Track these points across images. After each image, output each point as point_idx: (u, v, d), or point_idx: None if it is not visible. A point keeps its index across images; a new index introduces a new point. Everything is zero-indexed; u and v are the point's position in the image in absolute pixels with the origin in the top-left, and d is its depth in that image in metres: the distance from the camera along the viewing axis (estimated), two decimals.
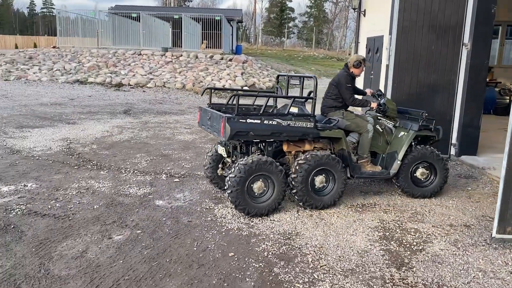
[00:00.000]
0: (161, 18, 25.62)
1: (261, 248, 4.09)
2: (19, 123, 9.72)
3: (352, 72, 5.60)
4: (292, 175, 4.91)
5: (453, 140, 7.52)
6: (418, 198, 5.58)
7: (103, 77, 17.72)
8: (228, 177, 4.69)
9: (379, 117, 5.77)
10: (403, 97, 7.24)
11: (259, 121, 4.66)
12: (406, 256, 4.01)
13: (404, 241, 4.35)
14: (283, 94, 6.03)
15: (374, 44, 12.02)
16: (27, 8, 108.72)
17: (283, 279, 3.54)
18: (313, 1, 73.51)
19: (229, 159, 5.30)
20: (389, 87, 7.28)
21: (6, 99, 13.20)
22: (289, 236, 4.37)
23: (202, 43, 24.91)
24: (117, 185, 5.80)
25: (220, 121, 4.61)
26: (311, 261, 3.85)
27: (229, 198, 4.70)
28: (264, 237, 4.34)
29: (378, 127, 5.65)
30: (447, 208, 5.37)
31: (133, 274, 3.52)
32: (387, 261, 3.89)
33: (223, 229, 4.48)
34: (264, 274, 3.61)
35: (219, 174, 5.53)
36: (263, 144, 5.14)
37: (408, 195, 5.60)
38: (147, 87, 16.91)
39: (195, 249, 4.02)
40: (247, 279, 3.52)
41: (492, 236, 4.22)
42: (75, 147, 7.80)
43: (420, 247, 4.20)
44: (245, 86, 17.42)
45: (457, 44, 7.11)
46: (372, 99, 5.89)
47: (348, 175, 5.29)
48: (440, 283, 3.54)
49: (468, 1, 6.99)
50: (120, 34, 24.84)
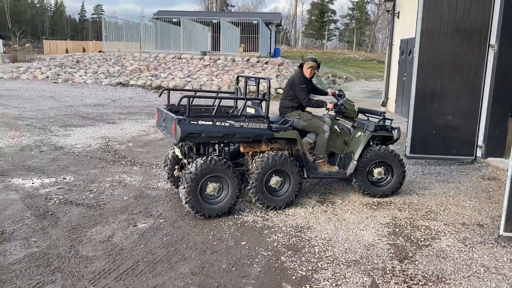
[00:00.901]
0: (201, 23, 26.37)
1: (272, 238, 4.35)
2: (64, 122, 10.45)
3: (303, 72, 5.56)
4: (248, 178, 4.96)
5: (479, 142, 7.45)
6: (375, 198, 5.63)
7: (144, 79, 18.52)
8: (180, 189, 4.68)
9: (337, 118, 5.83)
10: (426, 99, 7.27)
11: (211, 123, 4.63)
12: (411, 250, 4.15)
13: (412, 237, 4.47)
14: (241, 95, 5.91)
15: (407, 46, 11.97)
16: (78, 14, 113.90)
17: (288, 266, 3.79)
18: (355, 3, 72.77)
19: (185, 160, 5.26)
20: (413, 89, 7.32)
21: (54, 100, 14.12)
22: (300, 229, 4.60)
23: (240, 46, 25.42)
24: (147, 179, 6.23)
25: (172, 122, 4.59)
26: (318, 252, 4.07)
27: (187, 206, 4.69)
28: (276, 229, 4.59)
29: (336, 128, 5.70)
30: (463, 207, 5.41)
31: (152, 257, 3.88)
32: (391, 254, 4.05)
33: (239, 221, 4.78)
34: (271, 261, 3.87)
35: (175, 176, 5.49)
36: (221, 145, 5.15)
37: (365, 194, 5.63)
38: (185, 89, 17.53)
39: (210, 237, 4.34)
40: (255, 265, 3.79)
41: (500, 234, 4.27)
42: (112, 145, 8.35)
43: (427, 243, 4.32)
44: (280, 88, 17.69)
45: (483, 45, 7.06)
46: (332, 99, 5.97)
47: (304, 176, 5.30)
48: (440, 276, 3.66)
49: (494, 1, 6.94)
50: (162, 38, 25.77)
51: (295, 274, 3.66)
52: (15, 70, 20.72)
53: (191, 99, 4.85)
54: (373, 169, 5.63)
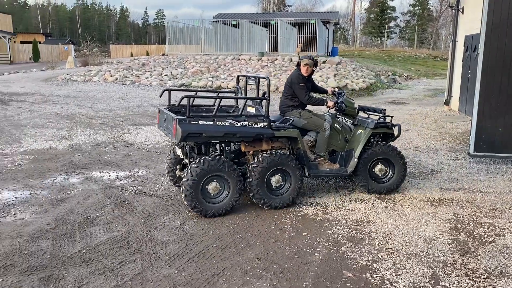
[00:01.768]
0: (259, 24, 26.80)
1: (332, 231, 4.52)
2: (133, 121, 11.17)
3: (301, 71, 5.53)
4: (248, 177, 4.93)
5: None
6: (374, 194, 5.63)
7: (205, 81, 19.20)
8: (182, 181, 4.71)
9: (337, 116, 5.77)
10: (492, 96, 7.06)
11: (211, 123, 4.64)
12: (474, 245, 4.15)
13: (475, 233, 4.46)
14: (242, 95, 5.86)
15: (472, 42, 11.57)
16: (141, 19, 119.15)
17: (348, 256, 3.95)
18: None
19: (187, 160, 5.25)
20: (477, 86, 7.15)
21: (123, 100, 15.06)
22: (360, 223, 4.73)
23: (297, 46, 25.56)
24: None
25: (173, 123, 4.61)
26: (378, 244, 4.19)
27: (185, 202, 4.71)
28: (336, 222, 4.75)
29: (337, 126, 5.64)
30: None
31: (220, 243, 4.19)
32: (452, 249, 4.08)
33: (300, 214, 4.98)
34: (332, 251, 4.05)
35: (177, 176, 5.53)
36: (222, 144, 5.12)
37: (371, 192, 5.63)
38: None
39: (273, 227, 4.58)
40: (316, 254, 3.99)
41: None
42: None
43: (490, 239, 4.29)
44: (337, 87, 17.66)
45: None
46: (332, 97, 5.94)
47: (306, 174, 5.29)
48: (504, 271, 3.66)
49: None
50: (221, 41, 26.51)
51: (356, 263, 3.81)
52: (87, 73, 22.22)
53: (191, 99, 4.91)
54: (375, 166, 5.61)
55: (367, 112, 6.04)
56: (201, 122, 4.61)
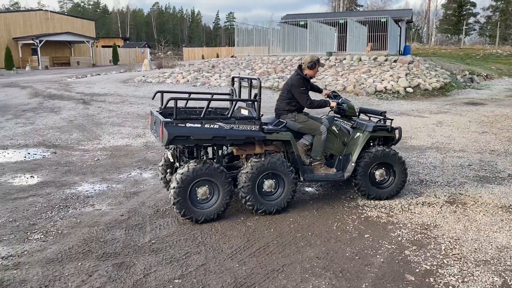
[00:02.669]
0: (327, 24, 26.53)
1: (396, 234, 4.42)
2: None
3: (306, 74, 5.34)
4: (240, 176, 4.78)
5: None
6: (373, 200, 5.34)
7: (271, 81, 19.38)
8: (169, 189, 4.62)
9: (335, 118, 5.49)
10: None
11: (199, 125, 4.48)
12: None
13: None
14: (237, 96, 5.58)
15: None
16: (213, 22, 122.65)
17: (412, 260, 3.85)
18: None
19: (177, 164, 5.11)
20: None
21: (194, 101, 15.66)
22: (426, 227, 4.57)
23: (367, 45, 24.95)
24: None
25: (160, 125, 4.49)
26: (444, 249, 4.03)
27: (175, 208, 4.59)
28: (401, 225, 4.64)
29: (334, 128, 5.39)
30: None
31: (280, 240, 4.26)
32: None
33: (363, 216, 4.92)
34: (395, 254, 3.97)
35: (168, 180, 5.34)
36: (214, 148, 4.96)
37: (370, 198, 5.34)
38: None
39: (334, 228, 4.58)
40: (378, 256, 3.93)
41: None
42: None
43: None
44: (409, 87, 17.01)
45: None
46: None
47: (300, 179, 5.11)
48: None
49: None
50: (288, 41, 26.57)
51: (419, 267, 3.71)
52: (161, 75, 23.33)
53: (183, 101, 4.79)
54: (375, 171, 5.31)
55: (368, 115, 5.76)
56: (188, 124, 4.46)
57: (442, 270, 3.64)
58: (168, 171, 5.39)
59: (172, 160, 5.23)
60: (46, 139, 9.15)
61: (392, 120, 5.49)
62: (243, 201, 4.83)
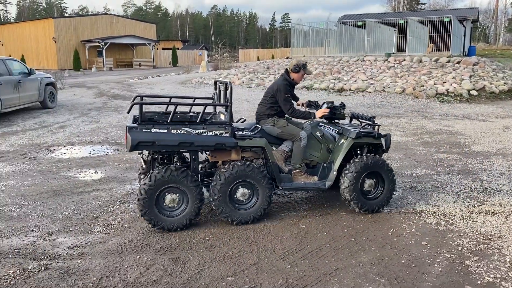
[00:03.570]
0: (386, 24, 25.84)
1: (456, 242, 4.23)
2: None
3: (293, 79, 5.08)
4: (211, 189, 4.56)
5: None
6: (366, 212, 4.96)
7: (327, 83, 19.17)
8: (136, 200, 4.44)
9: (320, 124, 5.14)
10: None
11: (165, 131, 4.30)
12: None
13: None
14: (219, 101, 5.29)
15: None
16: (269, 24, 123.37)
17: (473, 271, 3.66)
18: None
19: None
20: None
21: (248, 102, 15.82)
22: (490, 237, 4.33)
23: (428, 46, 24.02)
24: None
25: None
26: (509, 262, 3.81)
27: (145, 220, 4.44)
28: (461, 234, 4.43)
29: (318, 134, 5.06)
30: None
31: (334, 244, 4.21)
32: None
33: (421, 222, 4.75)
34: (454, 264, 3.80)
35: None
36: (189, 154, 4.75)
37: (363, 211, 4.95)
38: (367, 91, 17.52)
39: (390, 234, 4.45)
40: (436, 265, 3.78)
41: None
42: None
43: None
44: (473, 90, 16.17)
45: None
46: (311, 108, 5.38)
47: (277, 187, 4.86)
48: None
49: None
50: (345, 42, 26.16)
51: (481, 279, 3.52)
52: (217, 77, 23.80)
53: (148, 105, 4.61)
54: (365, 181, 4.93)
55: (360, 120, 5.38)
56: (153, 130, 4.28)
57: (506, 283, 3.44)
58: (142, 178, 5.21)
59: (145, 167, 5.09)
60: (109, 137, 9.63)
61: (379, 126, 5.12)
62: (217, 213, 4.64)
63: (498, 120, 11.77)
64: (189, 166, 4.74)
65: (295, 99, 5.44)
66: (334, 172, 4.92)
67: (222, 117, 4.94)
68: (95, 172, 6.82)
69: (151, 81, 25.07)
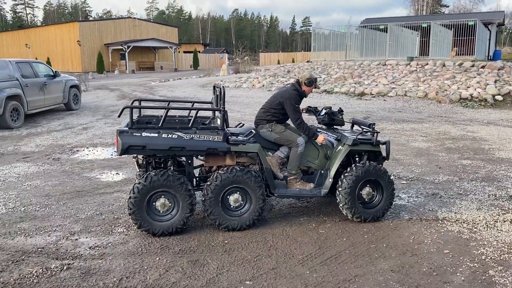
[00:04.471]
0: (409, 28, 25.53)
1: (479, 251, 4.13)
2: None
3: (304, 90, 5.02)
4: (204, 188, 4.51)
5: None
6: (358, 220, 4.83)
7: (348, 87, 19.03)
8: (127, 199, 4.44)
9: (318, 130, 5.02)
10: None
11: (156, 135, 4.28)
12: None
13: None
14: (217, 105, 5.18)
15: None
16: (289, 28, 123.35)
17: (497, 281, 3.57)
18: None
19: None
20: None
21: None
22: None
23: (452, 50, 23.61)
24: None
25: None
26: None
27: (131, 220, 4.43)
28: (485, 243, 4.33)
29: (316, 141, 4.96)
30: None
31: (353, 250, 4.17)
32: None
33: (443, 230, 4.66)
34: (477, 273, 3.71)
35: None
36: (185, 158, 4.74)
37: (356, 219, 4.83)
38: (388, 96, 17.31)
39: (411, 241, 4.38)
40: (458, 274, 3.70)
41: None
42: None
43: None
44: (498, 95, 15.81)
45: None
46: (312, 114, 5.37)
47: (271, 193, 4.76)
48: None
49: None
50: (367, 46, 25.94)
51: None
52: (238, 80, 23.92)
53: (141, 110, 4.70)
54: (362, 189, 4.79)
55: (361, 127, 5.23)
56: (144, 134, 4.28)
57: None
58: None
59: (138, 169, 5.09)
60: None
61: (378, 133, 4.98)
62: (206, 214, 4.58)
63: None
64: (184, 170, 4.76)
65: None
66: (330, 179, 4.82)
67: (218, 122, 4.92)
68: (117, 173, 6.92)
69: (172, 83, 25.33)
